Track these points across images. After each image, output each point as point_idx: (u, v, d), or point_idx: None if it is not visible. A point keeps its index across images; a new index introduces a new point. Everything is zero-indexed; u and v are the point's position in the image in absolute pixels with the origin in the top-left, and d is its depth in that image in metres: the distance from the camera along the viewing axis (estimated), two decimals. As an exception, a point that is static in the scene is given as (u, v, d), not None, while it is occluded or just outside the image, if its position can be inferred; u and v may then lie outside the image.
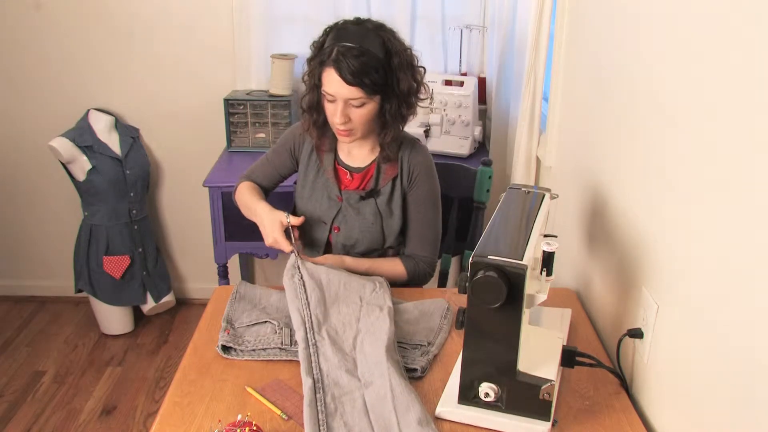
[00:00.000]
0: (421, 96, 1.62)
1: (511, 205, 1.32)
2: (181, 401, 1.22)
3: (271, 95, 2.61)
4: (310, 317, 1.37)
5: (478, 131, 2.57)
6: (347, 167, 1.68)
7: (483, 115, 2.72)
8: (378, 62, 1.49)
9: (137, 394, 2.50)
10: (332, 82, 1.48)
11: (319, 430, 1.12)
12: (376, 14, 2.61)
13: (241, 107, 2.61)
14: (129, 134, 2.76)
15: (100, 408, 2.43)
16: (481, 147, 2.67)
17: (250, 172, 1.81)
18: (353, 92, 1.48)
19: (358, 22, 1.55)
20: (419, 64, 1.60)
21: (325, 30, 1.58)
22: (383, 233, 1.68)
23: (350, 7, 2.57)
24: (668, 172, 1.16)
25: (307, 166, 1.71)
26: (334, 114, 1.53)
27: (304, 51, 2.64)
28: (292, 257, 1.52)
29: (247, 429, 1.06)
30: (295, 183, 1.79)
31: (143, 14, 2.66)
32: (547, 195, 1.36)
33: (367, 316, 1.40)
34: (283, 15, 2.64)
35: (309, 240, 1.74)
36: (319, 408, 1.17)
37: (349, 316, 1.41)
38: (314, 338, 1.33)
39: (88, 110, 2.72)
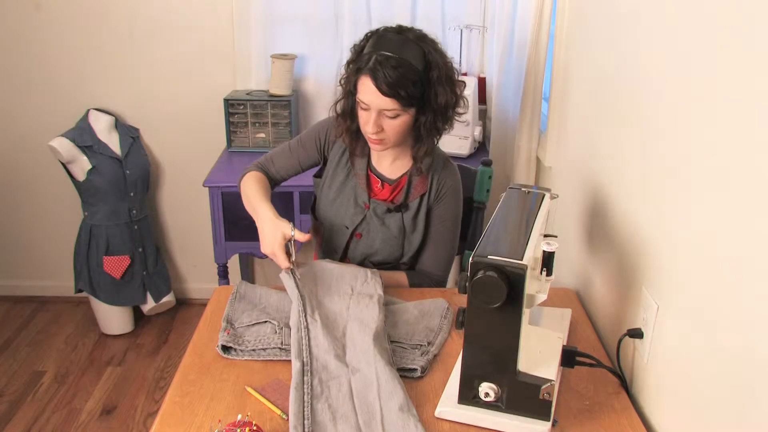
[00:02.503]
0: (460, 110, 1.57)
1: (511, 205, 1.32)
2: (181, 401, 1.22)
3: (271, 95, 2.61)
4: (304, 302, 1.39)
5: (478, 131, 2.57)
6: (379, 176, 1.66)
7: (483, 115, 2.72)
8: (416, 74, 1.44)
9: (137, 394, 2.50)
10: (367, 91, 1.45)
11: (304, 411, 1.14)
12: (376, 14, 2.61)
13: (241, 107, 2.61)
14: (129, 134, 2.76)
15: (100, 408, 2.43)
16: (481, 147, 2.67)
17: (266, 160, 1.72)
18: (388, 103, 1.45)
19: (400, 31, 1.50)
20: (459, 78, 1.55)
21: (366, 35, 1.53)
22: (403, 248, 1.67)
23: (350, 6, 2.57)
24: (668, 171, 1.16)
25: (337, 167, 1.67)
26: (366, 123, 1.49)
27: (304, 51, 2.68)
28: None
29: (247, 429, 1.06)
30: (315, 176, 1.74)
31: (143, 14, 2.66)
32: (547, 195, 1.36)
33: (357, 304, 1.43)
34: (283, 15, 2.64)
35: (328, 243, 1.71)
36: (305, 390, 1.19)
37: (340, 304, 1.44)
38: (306, 321, 1.35)
39: (88, 110, 2.72)
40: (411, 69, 1.44)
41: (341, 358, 1.29)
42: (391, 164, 1.66)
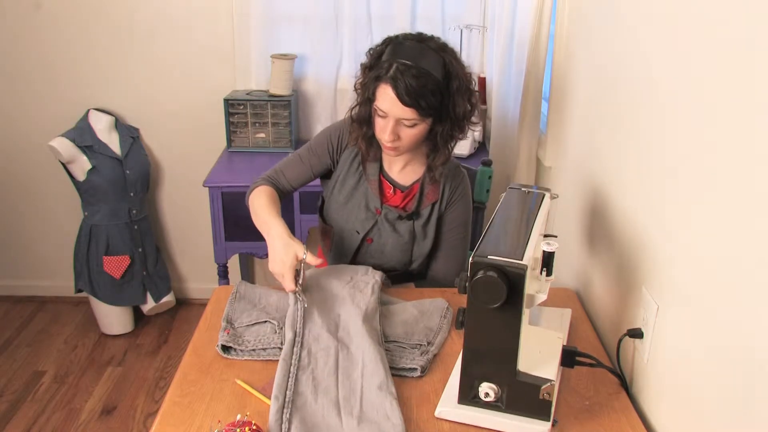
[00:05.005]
0: (474, 120, 1.56)
1: (511, 205, 1.32)
2: (181, 401, 1.22)
3: (271, 95, 2.61)
4: (301, 291, 1.41)
5: (478, 131, 2.57)
6: (391, 182, 1.64)
7: (483, 115, 2.72)
8: (436, 85, 1.43)
9: (137, 394, 2.50)
10: (387, 99, 1.43)
11: (288, 382, 1.19)
12: (376, 14, 2.61)
13: (241, 107, 2.61)
14: (129, 134, 2.76)
15: (100, 408, 2.42)
16: (481, 147, 2.67)
17: (275, 173, 1.67)
18: (407, 113, 1.43)
19: (420, 39, 1.48)
20: (475, 88, 1.54)
21: (385, 40, 1.51)
22: (412, 254, 1.66)
23: (350, 6, 2.57)
24: (668, 172, 1.16)
25: (348, 171, 1.64)
26: (383, 130, 1.48)
27: (304, 51, 2.68)
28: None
29: (246, 429, 1.06)
30: (323, 177, 1.71)
31: (143, 14, 2.66)
32: (547, 195, 1.36)
33: (353, 288, 1.47)
34: (283, 15, 2.64)
35: (338, 247, 1.70)
36: (293, 362, 1.24)
37: (338, 288, 1.48)
38: (303, 298, 1.39)
39: (88, 110, 2.72)
40: (431, 79, 1.42)
41: (333, 333, 1.33)
42: (401, 170, 1.65)
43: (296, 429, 1.11)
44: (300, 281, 1.43)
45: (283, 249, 1.42)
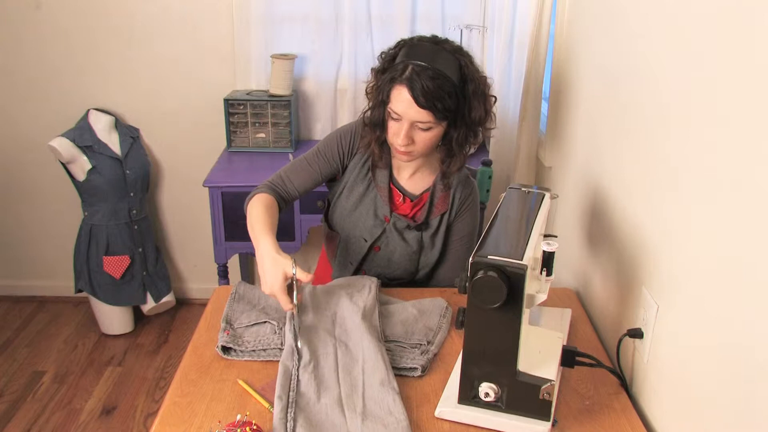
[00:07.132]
0: (489, 126, 1.53)
1: (511, 205, 1.32)
2: (181, 401, 1.22)
3: (271, 95, 2.60)
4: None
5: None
6: (401, 190, 1.62)
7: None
8: (452, 87, 1.40)
9: (137, 394, 2.50)
10: (402, 101, 1.40)
11: (290, 381, 1.20)
12: (376, 14, 2.61)
13: (241, 107, 2.61)
14: (129, 134, 2.76)
15: (100, 408, 2.42)
16: (481, 147, 2.67)
17: (280, 179, 1.60)
18: (423, 115, 1.40)
19: (435, 42, 1.45)
20: (491, 93, 1.51)
21: (399, 43, 1.48)
22: (419, 263, 1.66)
23: (350, 6, 2.57)
24: (668, 172, 1.16)
25: (357, 177, 1.61)
26: (397, 134, 1.44)
27: (304, 51, 2.68)
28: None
29: (247, 428, 1.06)
30: (329, 181, 1.67)
31: (143, 14, 2.66)
32: (547, 195, 1.36)
33: (350, 288, 1.49)
34: (283, 15, 2.64)
35: (343, 254, 1.68)
36: (293, 362, 1.25)
37: (335, 290, 1.48)
38: (299, 319, 1.39)
39: (88, 110, 2.72)
40: (448, 81, 1.39)
41: (331, 331, 1.35)
42: (411, 177, 1.63)
43: (302, 428, 1.11)
44: (295, 300, 1.36)
45: (271, 269, 1.35)
